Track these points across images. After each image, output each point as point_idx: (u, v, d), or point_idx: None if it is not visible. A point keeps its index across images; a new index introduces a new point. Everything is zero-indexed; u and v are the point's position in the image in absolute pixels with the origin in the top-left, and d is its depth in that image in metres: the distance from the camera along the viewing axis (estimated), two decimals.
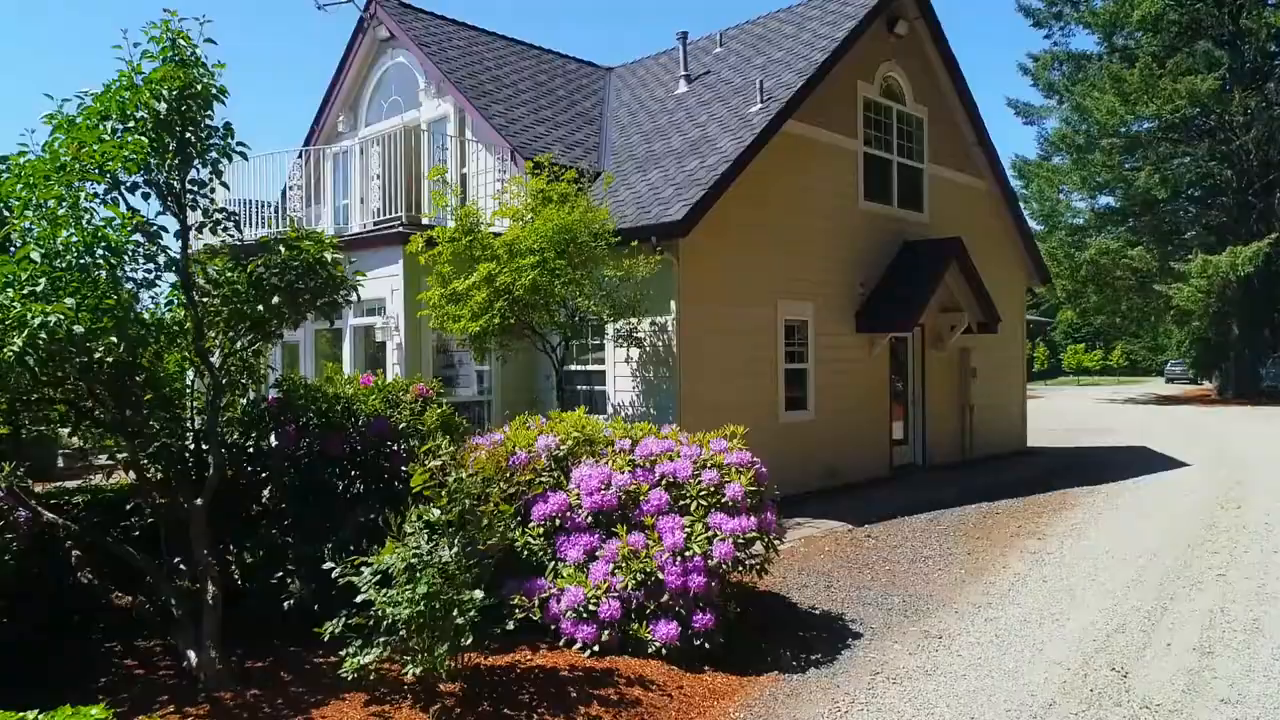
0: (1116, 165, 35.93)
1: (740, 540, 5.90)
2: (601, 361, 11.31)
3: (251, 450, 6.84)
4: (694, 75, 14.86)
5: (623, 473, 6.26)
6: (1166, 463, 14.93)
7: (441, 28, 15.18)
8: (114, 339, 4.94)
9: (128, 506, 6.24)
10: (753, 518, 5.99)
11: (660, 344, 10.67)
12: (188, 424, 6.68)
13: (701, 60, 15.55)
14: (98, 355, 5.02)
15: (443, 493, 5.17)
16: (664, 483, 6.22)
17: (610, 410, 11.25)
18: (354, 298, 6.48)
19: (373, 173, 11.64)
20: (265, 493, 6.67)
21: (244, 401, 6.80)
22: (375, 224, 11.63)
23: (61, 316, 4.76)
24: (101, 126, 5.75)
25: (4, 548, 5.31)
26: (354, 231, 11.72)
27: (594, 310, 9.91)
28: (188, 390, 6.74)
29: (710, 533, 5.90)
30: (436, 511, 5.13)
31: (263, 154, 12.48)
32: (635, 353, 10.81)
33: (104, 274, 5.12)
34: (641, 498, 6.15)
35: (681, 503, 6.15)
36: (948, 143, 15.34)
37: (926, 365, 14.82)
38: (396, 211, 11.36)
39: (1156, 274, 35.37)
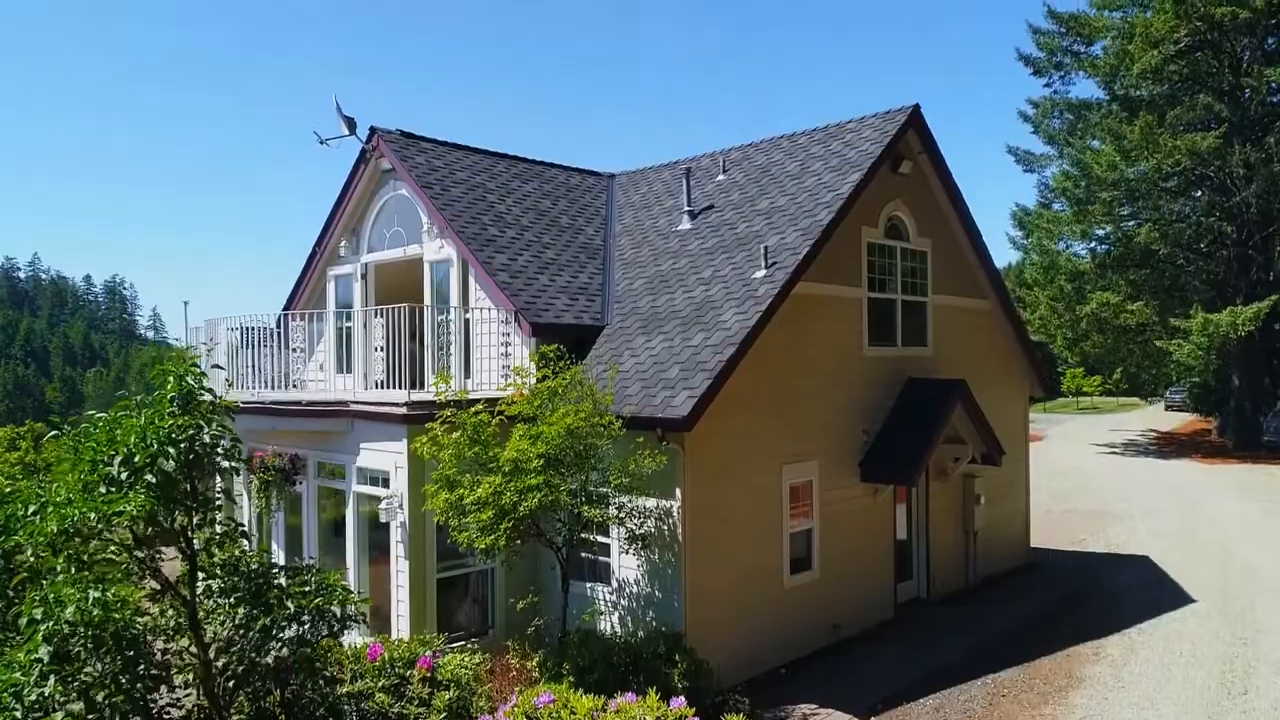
0: (1116, 216, 35.96)
1: None
2: (606, 534, 11.28)
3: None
4: (697, 210, 14.81)
5: None
6: (1170, 597, 14.85)
7: (443, 157, 15.12)
8: None
9: None
10: None
11: (665, 527, 10.65)
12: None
13: (704, 187, 15.50)
14: None
15: None
16: None
17: (614, 584, 11.25)
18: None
19: (375, 343, 11.62)
20: None
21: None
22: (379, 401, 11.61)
23: None
24: (111, 466, 5.73)
25: None
26: (359, 399, 11.69)
27: (598, 519, 9.94)
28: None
29: None
30: None
31: (258, 315, 12.54)
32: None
33: (120, 662, 5.10)
34: None
35: None
36: (951, 271, 15.30)
37: (930, 497, 14.81)
38: (401, 385, 11.33)
39: (1157, 327, 35.41)
